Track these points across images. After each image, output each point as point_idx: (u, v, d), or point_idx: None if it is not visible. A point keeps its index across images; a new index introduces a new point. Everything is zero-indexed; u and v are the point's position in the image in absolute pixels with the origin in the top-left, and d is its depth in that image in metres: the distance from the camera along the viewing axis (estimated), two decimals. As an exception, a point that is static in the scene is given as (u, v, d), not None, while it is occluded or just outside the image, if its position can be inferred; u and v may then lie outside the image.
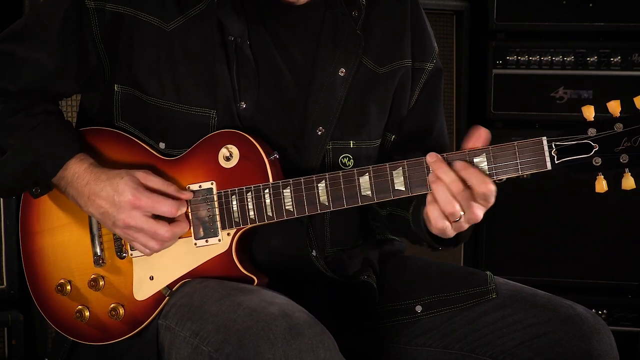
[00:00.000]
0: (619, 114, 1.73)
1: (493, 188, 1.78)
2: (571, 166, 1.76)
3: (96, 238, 2.00)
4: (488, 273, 2.06)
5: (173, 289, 1.95)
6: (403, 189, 1.85)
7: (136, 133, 2.02)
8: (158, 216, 1.90)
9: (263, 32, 2.01)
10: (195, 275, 1.94)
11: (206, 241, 1.94)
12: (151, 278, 1.96)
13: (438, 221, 1.81)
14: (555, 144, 1.76)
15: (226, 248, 1.93)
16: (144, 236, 1.90)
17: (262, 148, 1.92)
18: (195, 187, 1.94)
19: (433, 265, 2.16)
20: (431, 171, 1.81)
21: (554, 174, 1.79)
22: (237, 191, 1.92)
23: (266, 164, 1.91)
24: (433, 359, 2.04)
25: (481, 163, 1.80)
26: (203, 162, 1.94)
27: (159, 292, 1.96)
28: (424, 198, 1.85)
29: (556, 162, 1.76)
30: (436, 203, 1.80)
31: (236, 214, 1.92)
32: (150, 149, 1.99)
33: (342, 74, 2.03)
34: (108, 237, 2.00)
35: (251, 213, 1.91)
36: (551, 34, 3.60)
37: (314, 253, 2.03)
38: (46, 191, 1.99)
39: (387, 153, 2.15)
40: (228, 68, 1.96)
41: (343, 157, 2.05)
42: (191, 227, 1.94)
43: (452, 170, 1.79)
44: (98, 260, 2.00)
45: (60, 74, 1.98)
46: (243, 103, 1.98)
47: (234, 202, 1.92)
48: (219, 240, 1.93)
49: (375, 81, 2.08)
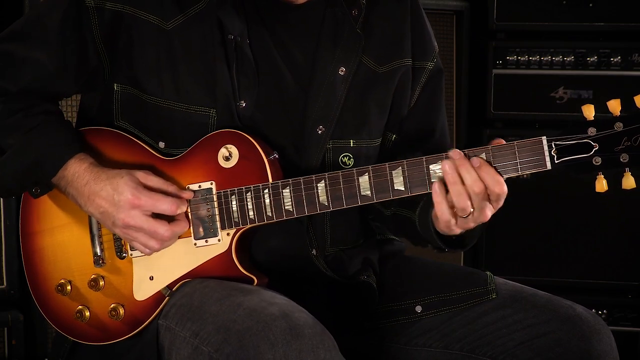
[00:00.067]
0: (619, 113, 1.73)
1: (506, 189, 1.78)
2: (571, 166, 1.76)
3: (96, 238, 2.00)
4: (488, 273, 2.05)
5: (173, 289, 1.95)
6: (402, 189, 1.85)
7: (136, 132, 2.01)
8: (158, 216, 1.90)
9: (263, 32, 2.01)
10: (195, 275, 1.94)
11: (206, 241, 1.94)
12: (151, 278, 1.96)
13: (444, 213, 1.81)
14: (555, 144, 1.76)
15: (226, 248, 1.93)
16: (144, 236, 1.90)
17: (262, 148, 1.92)
18: (194, 187, 1.94)
19: (433, 265, 2.15)
20: (448, 167, 1.79)
21: (554, 174, 1.79)
22: (237, 191, 1.92)
23: (265, 164, 1.91)
24: (433, 359, 2.04)
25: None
26: (202, 162, 1.94)
27: (159, 292, 1.95)
28: (432, 199, 1.85)
29: (556, 162, 1.76)
30: (446, 194, 1.79)
31: (236, 214, 1.92)
32: (149, 149, 1.99)
33: (342, 73, 2.03)
34: (108, 237, 2.00)
35: (251, 213, 1.91)
36: (551, 34, 3.60)
37: (314, 252, 2.03)
38: (46, 191, 1.99)
39: (389, 153, 2.15)
40: (228, 67, 1.96)
41: (343, 156, 2.05)
42: (191, 227, 1.94)
43: (473, 168, 1.78)
44: (98, 260, 2.00)
45: (60, 74, 1.98)
46: (243, 102, 1.98)
47: (234, 202, 1.92)
48: (219, 240, 1.93)
49: (375, 80, 2.08)
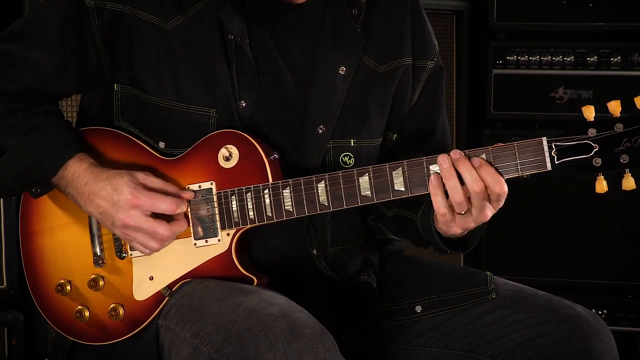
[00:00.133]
0: (619, 114, 1.73)
1: (506, 189, 1.78)
2: (571, 166, 1.76)
3: (96, 238, 2.00)
4: (488, 273, 2.05)
5: (173, 289, 1.95)
6: (403, 189, 1.85)
7: (136, 133, 2.01)
8: (157, 216, 1.90)
9: (263, 31, 2.00)
10: (195, 275, 1.94)
11: (206, 241, 1.94)
12: (151, 278, 1.96)
13: (440, 207, 1.81)
14: (555, 144, 1.75)
15: (226, 248, 1.93)
16: (144, 235, 1.90)
17: (262, 148, 1.92)
18: (194, 187, 1.94)
19: (433, 265, 2.15)
20: (443, 161, 1.79)
21: (554, 174, 1.79)
22: (237, 191, 1.92)
23: (266, 164, 1.91)
24: (433, 359, 2.04)
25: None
26: (203, 162, 1.94)
27: (159, 293, 1.95)
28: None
29: (556, 163, 1.76)
30: (442, 189, 1.80)
31: (236, 214, 1.92)
32: (149, 149, 1.99)
33: (343, 73, 2.03)
34: (108, 237, 2.00)
35: (251, 213, 1.91)
36: (551, 34, 3.60)
37: (315, 252, 2.03)
38: (46, 191, 1.99)
39: (389, 152, 2.15)
40: (228, 67, 1.96)
41: (344, 156, 2.05)
42: (191, 228, 1.94)
43: (474, 168, 1.78)
44: (98, 260, 2.00)
45: (60, 74, 1.98)
46: (243, 102, 1.98)
47: (234, 203, 1.92)
48: (219, 240, 1.93)
49: (375, 80, 2.08)
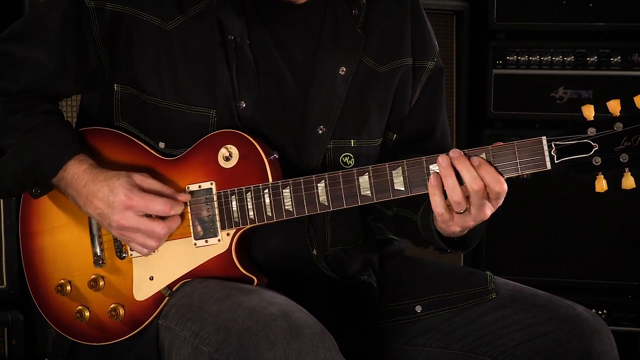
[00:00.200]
0: (619, 114, 1.73)
1: (506, 188, 1.78)
2: (571, 166, 1.75)
3: (96, 238, 2.00)
4: (488, 273, 2.05)
5: (173, 289, 1.95)
6: (402, 189, 1.85)
7: (136, 133, 2.01)
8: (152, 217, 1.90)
9: (263, 32, 2.00)
10: (195, 275, 1.94)
11: (206, 241, 1.94)
12: (151, 278, 1.96)
13: (438, 206, 1.81)
14: (555, 144, 1.75)
15: (226, 248, 1.93)
16: (141, 235, 1.90)
17: (262, 148, 1.92)
18: (194, 187, 1.94)
19: (433, 265, 2.15)
20: (442, 160, 1.79)
21: (554, 174, 1.79)
22: (237, 191, 1.92)
23: (265, 164, 1.91)
24: (433, 359, 2.04)
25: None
26: (203, 162, 1.94)
27: (159, 293, 1.95)
28: None
29: (556, 162, 1.76)
30: (440, 189, 1.80)
31: (236, 214, 1.92)
32: (149, 149, 1.99)
33: (343, 73, 2.03)
34: (108, 238, 2.00)
35: (251, 213, 1.91)
36: (551, 34, 3.60)
37: (315, 253, 2.03)
38: (46, 191, 1.99)
39: (389, 152, 2.15)
40: (228, 67, 1.96)
41: (344, 156, 2.05)
42: (191, 227, 1.94)
43: (473, 166, 1.78)
44: (98, 260, 2.00)
45: (60, 74, 1.98)
46: (243, 102, 1.98)
47: (234, 202, 1.92)
48: (219, 240, 1.93)
49: (375, 80, 2.08)
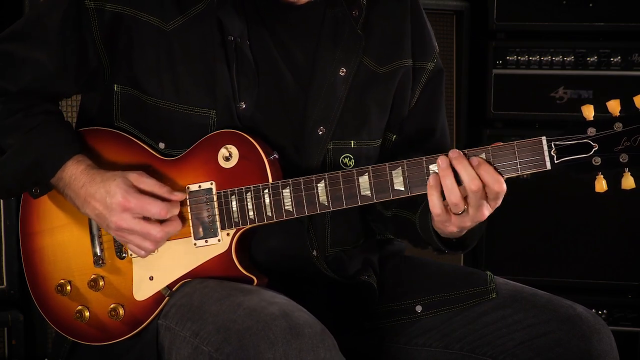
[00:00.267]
0: (619, 114, 1.73)
1: (505, 187, 1.78)
2: (571, 166, 1.75)
3: (96, 238, 2.00)
4: (488, 273, 2.05)
5: (173, 289, 1.95)
6: (402, 189, 1.84)
7: (136, 133, 2.01)
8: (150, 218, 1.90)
9: (263, 32, 2.00)
10: (194, 275, 1.94)
11: (206, 241, 1.94)
12: (151, 278, 1.96)
13: (435, 207, 1.80)
14: (554, 144, 1.75)
15: (226, 248, 1.93)
16: (137, 237, 1.90)
17: (262, 148, 1.92)
18: (194, 188, 1.94)
19: (433, 265, 2.15)
20: (441, 161, 1.79)
21: (554, 174, 1.79)
22: (237, 191, 1.92)
23: (265, 164, 1.91)
24: (433, 359, 2.04)
25: None
26: (202, 162, 1.94)
27: (159, 292, 1.95)
28: None
29: (556, 162, 1.76)
30: (438, 189, 1.79)
31: (236, 214, 1.92)
32: (149, 149, 1.99)
33: (343, 74, 2.03)
34: (108, 238, 2.00)
35: (250, 213, 1.91)
36: (551, 34, 3.60)
37: (315, 253, 2.03)
38: (46, 191, 1.99)
39: (389, 153, 2.15)
40: (228, 68, 1.96)
41: (344, 157, 2.05)
42: (191, 228, 1.94)
43: (471, 166, 1.78)
44: (98, 260, 2.00)
45: (60, 74, 1.98)
46: (243, 103, 1.98)
47: (234, 203, 1.92)
48: (219, 240, 1.93)
49: (375, 81, 2.08)
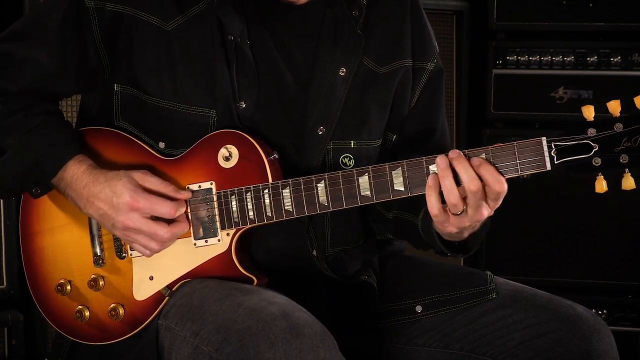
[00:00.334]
0: (619, 114, 1.73)
1: (506, 187, 1.77)
2: (571, 166, 1.75)
3: (96, 238, 2.00)
4: (488, 273, 2.05)
5: (173, 289, 1.95)
6: (402, 189, 1.84)
7: (136, 133, 2.01)
8: (157, 218, 1.90)
9: (263, 32, 2.00)
10: (194, 275, 1.94)
11: (205, 241, 1.94)
12: (151, 278, 1.96)
13: (433, 207, 1.79)
14: (555, 144, 1.75)
15: (225, 248, 1.93)
16: (144, 237, 1.90)
17: (262, 148, 1.92)
18: (194, 187, 1.94)
19: (433, 265, 2.15)
20: (440, 161, 1.78)
21: (554, 174, 1.79)
22: (237, 191, 1.92)
23: (265, 164, 1.91)
24: (433, 359, 2.04)
25: None
26: (202, 162, 1.94)
27: (159, 292, 1.95)
28: None
29: (556, 163, 1.76)
30: (436, 190, 1.79)
31: (235, 214, 1.92)
32: (149, 149, 1.99)
33: (343, 74, 2.03)
34: (108, 237, 2.00)
35: (250, 213, 1.91)
36: (551, 34, 3.60)
37: (315, 253, 2.03)
38: (46, 191, 1.99)
39: (389, 153, 2.15)
40: (228, 68, 1.96)
41: (344, 157, 2.05)
42: (191, 228, 1.94)
43: (472, 166, 1.77)
44: (98, 260, 2.00)
45: (60, 74, 1.98)
46: (243, 103, 1.98)
47: (234, 203, 1.92)
48: (219, 240, 1.93)
49: (375, 81, 2.08)
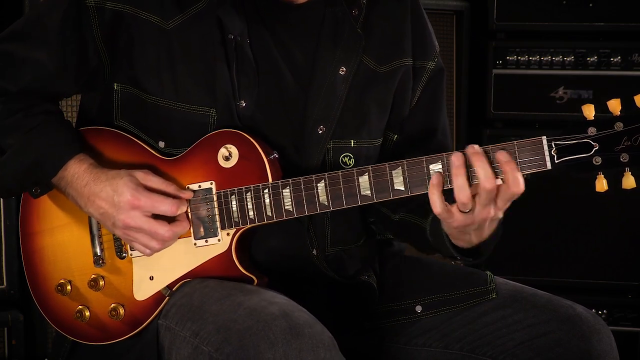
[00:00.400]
0: (619, 113, 1.73)
1: (523, 189, 1.74)
2: (571, 165, 1.75)
3: (96, 238, 2.00)
4: (488, 273, 2.05)
5: (173, 289, 1.95)
6: (402, 189, 1.84)
7: (136, 132, 2.01)
8: (158, 217, 1.90)
9: (263, 31, 2.00)
10: (195, 275, 1.94)
11: (206, 241, 1.94)
12: (151, 278, 1.96)
13: (437, 206, 1.78)
14: (555, 143, 1.75)
15: (226, 248, 1.93)
16: (145, 236, 1.90)
17: (262, 148, 1.92)
18: (194, 187, 1.94)
19: (433, 265, 2.15)
20: (456, 159, 1.76)
21: (554, 174, 1.78)
22: (237, 191, 1.92)
23: (265, 164, 1.91)
24: (433, 359, 2.04)
25: None
26: (202, 162, 1.94)
27: (159, 292, 1.95)
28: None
29: (556, 162, 1.75)
30: (440, 187, 1.77)
31: (235, 214, 1.92)
32: (149, 149, 1.99)
33: (343, 73, 2.03)
34: (108, 237, 2.00)
35: (250, 213, 1.91)
36: (551, 34, 3.60)
37: (315, 252, 2.03)
38: (46, 191, 1.99)
39: (390, 153, 2.14)
40: (228, 67, 1.96)
41: (344, 157, 2.05)
42: (191, 227, 1.94)
43: (490, 163, 1.74)
44: (98, 260, 2.00)
45: (60, 74, 1.98)
46: (243, 102, 1.97)
47: (234, 202, 1.92)
48: (219, 240, 1.93)
49: (375, 80, 2.08)
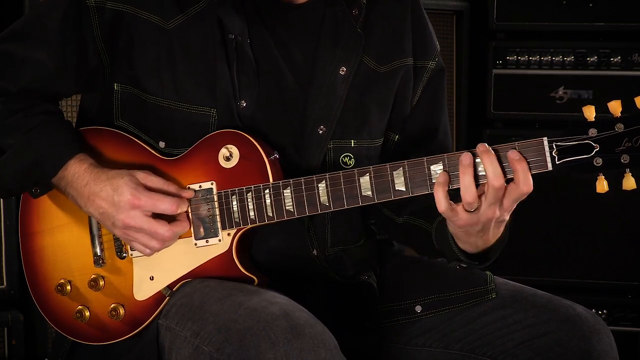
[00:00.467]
0: (620, 114, 1.73)
1: (531, 189, 1.74)
2: (572, 166, 1.75)
3: (96, 238, 2.00)
4: (488, 273, 2.05)
5: (173, 289, 1.95)
6: (404, 189, 1.84)
7: (136, 132, 2.01)
8: (158, 216, 1.90)
9: (263, 31, 2.00)
10: (195, 275, 1.94)
11: (206, 241, 1.94)
12: (151, 278, 1.96)
13: (441, 205, 1.78)
14: (556, 145, 1.75)
15: (226, 248, 1.93)
16: (144, 236, 1.89)
17: (262, 148, 1.92)
18: (195, 187, 1.94)
19: (433, 265, 2.15)
20: (464, 159, 1.75)
21: (555, 175, 1.79)
22: (237, 191, 1.92)
23: (266, 164, 1.91)
24: (433, 359, 2.04)
25: (481, 164, 1.78)
26: (203, 162, 1.94)
27: (159, 292, 1.95)
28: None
29: (557, 163, 1.75)
30: (446, 186, 1.77)
31: (236, 214, 1.92)
32: (150, 149, 1.99)
33: (343, 73, 2.03)
34: (108, 237, 2.00)
35: (251, 213, 1.91)
36: (551, 34, 3.60)
37: (315, 252, 2.03)
38: (46, 191, 1.99)
39: (391, 153, 2.14)
40: (228, 66, 1.96)
41: (344, 157, 2.05)
42: (191, 227, 1.94)
43: (500, 162, 1.74)
44: (98, 260, 2.00)
45: (60, 74, 1.98)
46: (243, 102, 1.97)
47: (234, 202, 1.92)
48: (219, 240, 1.93)
49: (375, 80, 2.08)
